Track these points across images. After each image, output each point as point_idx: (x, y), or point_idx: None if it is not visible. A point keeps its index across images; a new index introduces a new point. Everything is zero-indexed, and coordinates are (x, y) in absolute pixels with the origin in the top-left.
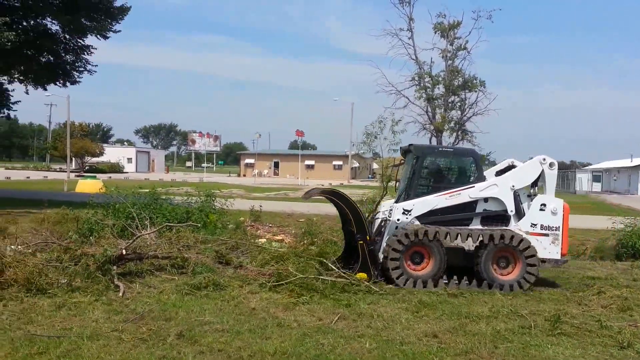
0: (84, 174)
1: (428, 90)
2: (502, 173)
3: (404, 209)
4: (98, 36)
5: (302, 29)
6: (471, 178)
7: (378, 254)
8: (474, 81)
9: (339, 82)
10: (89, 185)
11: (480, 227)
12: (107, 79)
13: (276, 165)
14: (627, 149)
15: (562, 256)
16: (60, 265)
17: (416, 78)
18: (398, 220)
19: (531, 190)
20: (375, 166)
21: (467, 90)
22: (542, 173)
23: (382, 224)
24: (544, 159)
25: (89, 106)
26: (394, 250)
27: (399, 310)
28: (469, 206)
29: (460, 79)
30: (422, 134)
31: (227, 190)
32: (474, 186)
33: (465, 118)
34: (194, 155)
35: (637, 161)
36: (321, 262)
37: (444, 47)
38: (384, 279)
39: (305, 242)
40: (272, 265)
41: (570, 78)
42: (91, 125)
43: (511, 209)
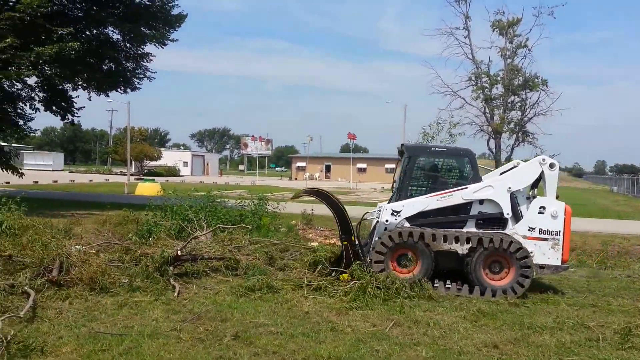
0: (143, 177)
1: (486, 90)
2: None
3: (392, 210)
4: (156, 44)
5: (355, 31)
6: (466, 179)
7: (367, 254)
8: (536, 80)
9: (391, 83)
10: (148, 188)
11: (474, 230)
12: (164, 84)
13: (327, 168)
14: None
15: (562, 262)
16: (121, 265)
17: (473, 78)
18: (386, 221)
19: (530, 193)
20: None
21: (527, 90)
22: (542, 174)
23: (375, 225)
24: (544, 160)
25: (147, 111)
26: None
27: (456, 319)
28: (463, 208)
29: (520, 78)
30: (480, 135)
31: (279, 194)
32: (468, 187)
33: (526, 119)
34: (246, 158)
35: None
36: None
37: (503, 46)
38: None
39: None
40: (323, 269)
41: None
42: (149, 130)
43: (507, 211)
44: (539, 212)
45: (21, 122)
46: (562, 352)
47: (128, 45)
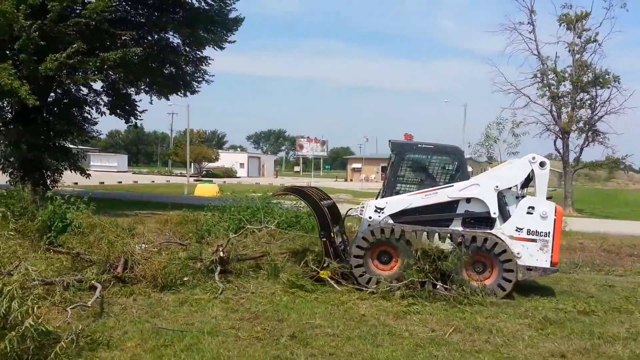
0: (202, 178)
1: (552, 87)
2: None
3: (376, 207)
4: (215, 47)
5: (412, 29)
6: (454, 177)
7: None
8: (606, 76)
9: (450, 82)
10: (206, 189)
11: (460, 229)
12: (221, 87)
13: (384, 169)
14: None
15: (552, 265)
16: (181, 263)
17: (538, 75)
18: (370, 218)
19: (520, 192)
20: None
21: (598, 87)
22: (532, 174)
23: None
24: (534, 158)
25: (205, 114)
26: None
27: (521, 326)
28: (449, 206)
29: (589, 74)
30: (546, 135)
31: (335, 195)
32: (453, 185)
33: (596, 117)
34: (301, 160)
35: None
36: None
37: (571, 40)
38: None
39: None
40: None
41: None
42: (207, 133)
43: (494, 210)
44: (528, 212)
45: (87, 126)
46: None
47: (187, 49)
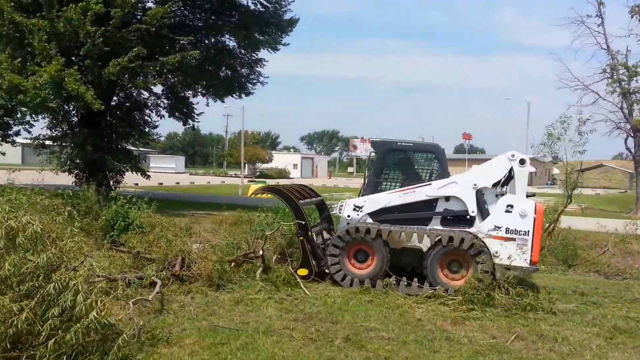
0: (256, 179)
1: (623, 83)
2: None
3: (355, 206)
4: (269, 49)
5: (473, 25)
6: (433, 175)
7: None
8: None
9: (512, 79)
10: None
11: (439, 227)
12: (275, 88)
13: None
14: None
15: (531, 264)
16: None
17: (608, 70)
18: (348, 216)
19: (500, 190)
20: (556, 171)
21: None
22: (512, 171)
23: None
24: (513, 155)
25: (259, 115)
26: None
27: (588, 335)
28: (429, 205)
29: None
30: (616, 134)
31: None
32: (431, 184)
33: None
34: (355, 160)
35: None
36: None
37: None
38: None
39: None
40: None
41: None
42: (261, 134)
43: (472, 209)
44: (507, 211)
45: (148, 128)
46: None
47: (243, 51)
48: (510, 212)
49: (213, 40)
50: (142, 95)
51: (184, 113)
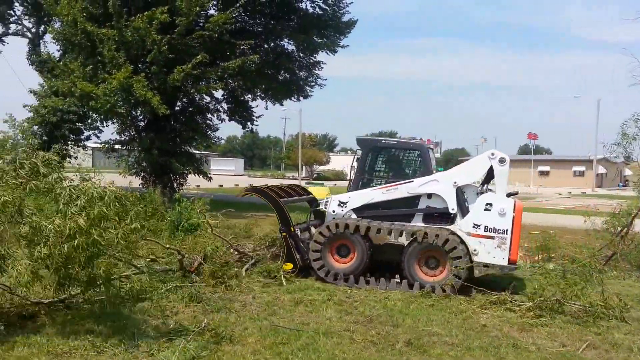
0: (313, 181)
1: None
2: None
3: (339, 201)
4: (327, 51)
5: (536, 22)
6: (416, 173)
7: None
8: None
9: (580, 76)
10: (317, 192)
11: (420, 224)
12: (333, 90)
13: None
14: None
15: (509, 262)
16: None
17: None
18: (333, 211)
19: (481, 188)
20: (628, 172)
21: None
22: (492, 169)
23: None
24: (493, 154)
25: (317, 117)
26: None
27: None
28: (411, 202)
29: None
30: None
31: None
32: (413, 181)
33: None
34: None
35: None
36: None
37: None
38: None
39: (541, 257)
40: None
41: None
42: (319, 136)
43: (452, 207)
44: (485, 209)
45: (210, 132)
46: None
47: (301, 55)
48: (489, 210)
49: (272, 44)
50: (204, 100)
51: (243, 116)
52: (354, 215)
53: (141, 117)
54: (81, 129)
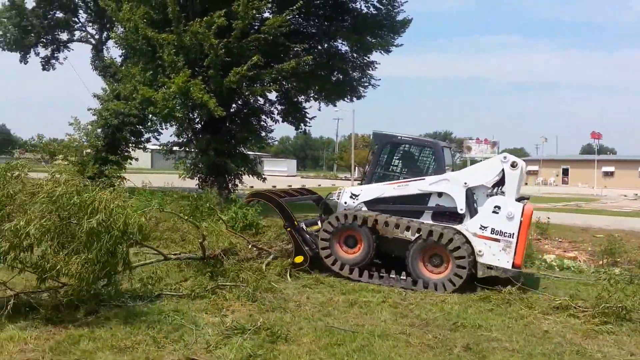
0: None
1: None
2: None
3: (352, 193)
4: (381, 51)
5: (603, 17)
6: (429, 170)
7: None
8: None
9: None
10: None
11: (429, 221)
12: (387, 90)
13: (565, 172)
14: None
15: (514, 266)
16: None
17: None
18: (345, 203)
19: (492, 190)
20: None
21: None
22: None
23: None
24: (505, 158)
25: (370, 118)
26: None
27: None
28: (421, 199)
29: None
30: None
31: None
32: (424, 179)
33: None
34: (469, 162)
35: None
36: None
37: None
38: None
39: (606, 261)
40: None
41: None
42: (371, 137)
43: (461, 207)
44: (493, 212)
45: (264, 133)
46: None
47: (355, 55)
48: (497, 213)
49: (326, 45)
50: (258, 102)
51: (296, 118)
52: (365, 208)
53: (198, 120)
54: (141, 132)
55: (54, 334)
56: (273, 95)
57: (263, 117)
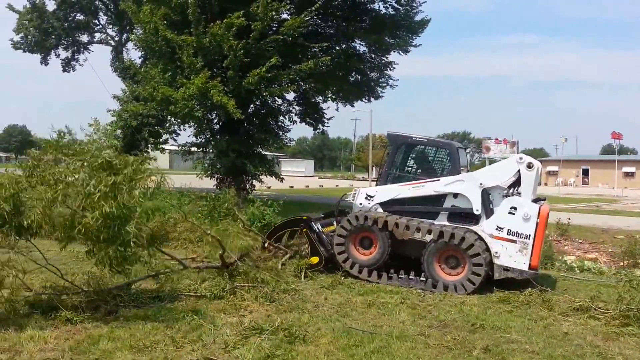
0: None
1: None
2: None
3: (367, 194)
4: (400, 52)
5: (622, 15)
6: (444, 171)
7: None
8: None
9: None
10: None
11: (446, 223)
12: (405, 90)
13: (585, 172)
14: None
15: (530, 268)
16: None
17: None
18: (360, 204)
19: (509, 191)
20: None
21: None
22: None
23: None
24: (521, 158)
25: (387, 118)
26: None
27: None
28: (437, 200)
29: None
30: None
31: None
32: (440, 180)
33: None
34: (488, 162)
35: None
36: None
37: None
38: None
39: (627, 262)
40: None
41: None
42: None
43: (477, 207)
44: (510, 213)
45: (282, 134)
46: None
47: (373, 55)
48: (514, 214)
49: (344, 46)
50: (276, 102)
51: (314, 118)
52: (380, 209)
53: (216, 121)
54: (160, 132)
55: (73, 334)
56: (291, 96)
57: (281, 117)
